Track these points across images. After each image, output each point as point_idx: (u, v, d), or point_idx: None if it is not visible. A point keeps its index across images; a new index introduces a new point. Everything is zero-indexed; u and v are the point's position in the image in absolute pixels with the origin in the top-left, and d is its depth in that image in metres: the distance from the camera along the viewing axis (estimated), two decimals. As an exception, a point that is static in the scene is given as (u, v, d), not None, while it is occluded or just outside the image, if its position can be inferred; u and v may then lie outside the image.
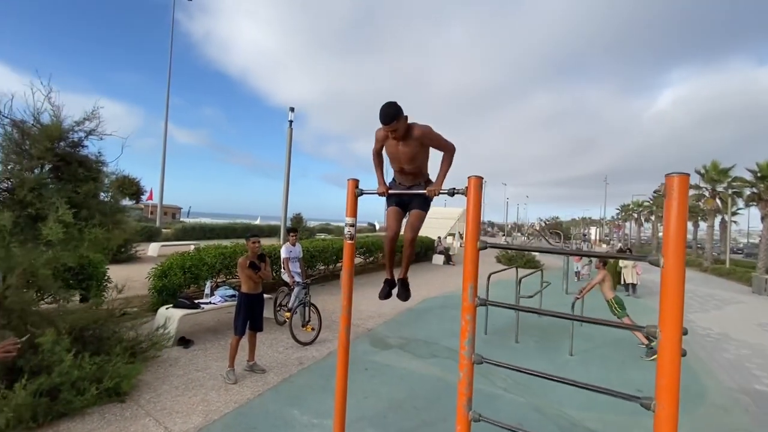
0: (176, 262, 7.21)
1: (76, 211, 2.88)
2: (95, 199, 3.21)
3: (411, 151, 2.65)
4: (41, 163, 2.98)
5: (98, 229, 2.99)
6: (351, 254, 3.11)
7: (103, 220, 3.14)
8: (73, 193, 2.96)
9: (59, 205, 2.74)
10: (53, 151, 2.98)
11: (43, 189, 2.83)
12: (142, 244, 13.72)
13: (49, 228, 2.67)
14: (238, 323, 4.38)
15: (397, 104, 2.52)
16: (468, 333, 2.55)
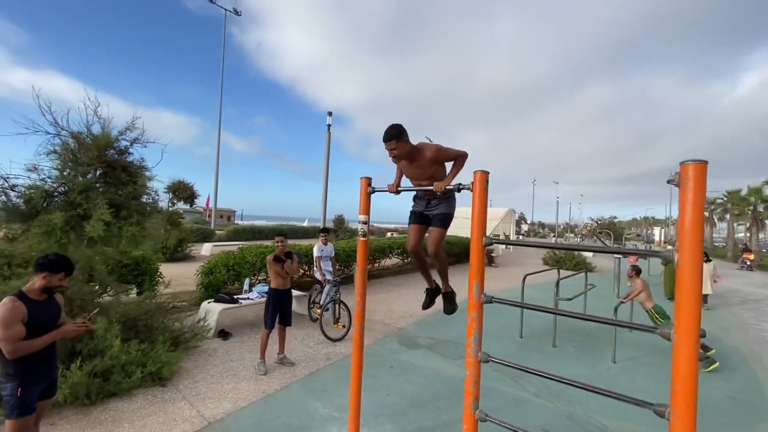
0: (221, 261, 7.72)
1: (116, 211, 3.25)
2: (135, 201, 3.57)
3: (426, 172, 2.74)
4: (90, 169, 3.39)
5: (134, 227, 3.32)
6: (364, 252, 3.17)
7: (141, 219, 3.48)
8: (115, 195, 3.33)
9: (101, 206, 3.10)
10: (101, 158, 3.37)
11: (90, 192, 3.21)
12: (197, 245, 14.80)
13: (91, 226, 3.03)
14: (267, 317, 4.61)
15: (400, 126, 2.61)
16: (474, 331, 2.52)
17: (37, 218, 3.00)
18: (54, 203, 3.19)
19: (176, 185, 12.42)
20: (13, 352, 2.23)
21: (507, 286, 11.44)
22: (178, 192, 12.38)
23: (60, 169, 3.31)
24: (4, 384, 2.32)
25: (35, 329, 2.32)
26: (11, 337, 2.22)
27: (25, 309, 2.29)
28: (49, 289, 2.42)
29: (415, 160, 2.69)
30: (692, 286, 1.66)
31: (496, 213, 26.79)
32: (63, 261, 2.44)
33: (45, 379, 2.49)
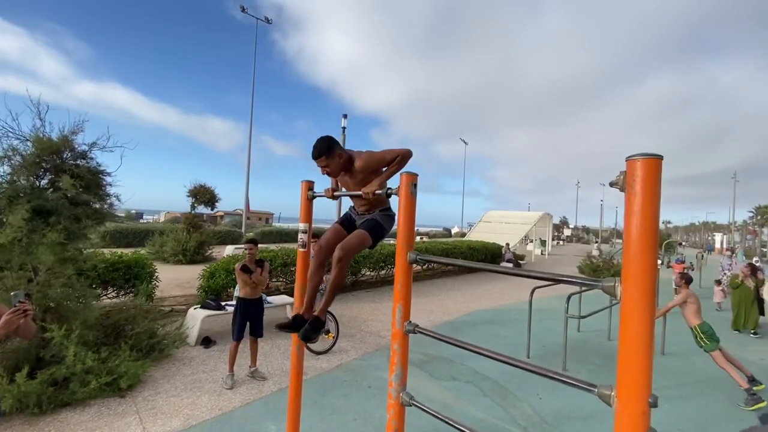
0: (222, 265, 7.67)
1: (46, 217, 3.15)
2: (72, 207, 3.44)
3: (357, 181, 2.37)
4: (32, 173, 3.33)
5: (56, 234, 3.19)
6: (303, 264, 2.80)
7: (69, 226, 3.34)
8: (46, 201, 3.23)
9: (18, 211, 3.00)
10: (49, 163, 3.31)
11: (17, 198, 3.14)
12: (218, 247, 15.14)
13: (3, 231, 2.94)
14: (235, 328, 4.38)
15: (330, 139, 2.29)
16: (395, 366, 2.09)
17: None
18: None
19: (197, 189, 12.75)
20: None
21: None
22: (199, 195, 12.70)
23: (10, 174, 3.27)
24: None
25: None
26: None
27: None
28: None
29: (348, 172, 2.35)
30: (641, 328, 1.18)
31: (528, 217, 25.35)
32: None
33: None
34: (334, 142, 2.29)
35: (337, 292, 2.42)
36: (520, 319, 7.68)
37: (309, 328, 2.38)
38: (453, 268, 15.09)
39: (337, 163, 2.28)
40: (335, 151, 2.27)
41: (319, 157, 2.26)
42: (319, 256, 2.42)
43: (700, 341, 5.06)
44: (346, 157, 2.31)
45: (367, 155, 2.31)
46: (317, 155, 2.27)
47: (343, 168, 2.32)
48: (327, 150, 2.25)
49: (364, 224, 2.42)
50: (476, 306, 9.22)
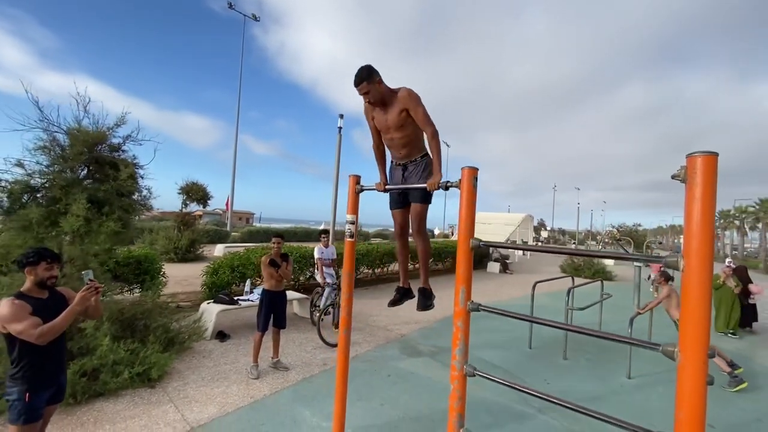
0: (226, 262, 7.70)
1: (98, 208, 3.20)
2: (120, 198, 3.51)
3: (397, 118, 2.50)
4: (77, 164, 3.37)
5: (114, 223, 3.25)
6: (351, 253, 3.01)
7: (124, 215, 3.41)
8: (98, 192, 3.28)
9: (79, 201, 3.05)
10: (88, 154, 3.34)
11: (73, 187, 3.18)
12: (209, 246, 14.96)
13: (66, 220, 2.98)
14: (260, 320, 4.49)
15: (370, 67, 2.43)
16: (459, 341, 2.30)
17: (16, 213, 2.98)
18: (37, 199, 3.17)
19: (189, 186, 12.58)
20: (39, 336, 2.17)
21: (521, 293, 11.05)
22: (191, 193, 12.54)
23: (49, 165, 3.30)
24: (11, 388, 2.25)
25: None
26: (29, 326, 2.17)
27: (28, 306, 2.24)
28: (41, 282, 2.35)
29: (389, 104, 2.49)
30: (700, 295, 1.43)
31: (513, 219, 26.17)
32: (39, 251, 2.37)
33: (54, 383, 2.42)
34: (374, 69, 2.41)
35: (430, 258, 2.80)
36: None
37: (423, 300, 2.92)
38: (442, 266, 15.41)
39: (377, 90, 2.41)
40: (375, 77, 2.40)
41: (360, 83, 2.38)
42: (401, 237, 2.84)
43: None
44: (386, 88, 2.45)
45: (410, 91, 2.42)
46: (358, 81, 2.38)
47: (383, 99, 2.45)
48: (368, 76, 2.37)
49: (417, 195, 2.66)
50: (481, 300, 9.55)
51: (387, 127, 2.57)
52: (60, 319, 2.27)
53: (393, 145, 2.64)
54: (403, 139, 2.56)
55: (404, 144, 2.59)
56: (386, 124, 2.55)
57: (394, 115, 2.48)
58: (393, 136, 2.56)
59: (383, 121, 2.55)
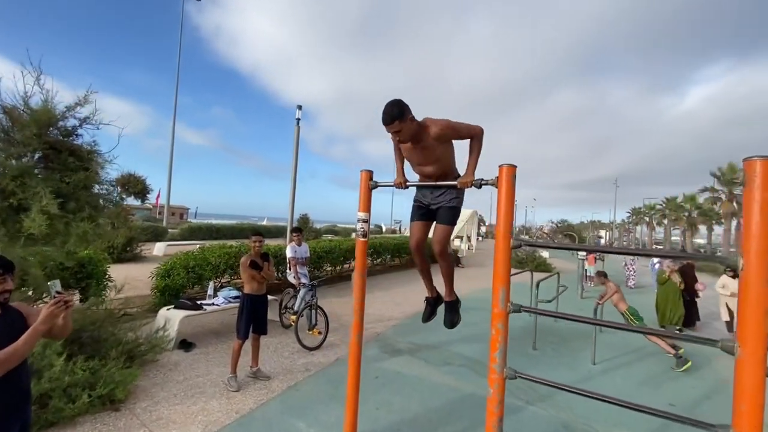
0: (180, 262, 7.01)
1: (63, 203, 2.65)
2: (86, 191, 2.97)
3: (431, 154, 2.39)
4: (28, 150, 2.76)
5: (87, 223, 2.74)
6: (363, 253, 2.84)
7: (94, 214, 2.89)
8: (61, 183, 2.73)
9: (43, 195, 2.51)
10: (41, 138, 2.75)
11: (28, 178, 2.60)
12: (148, 244, 13.59)
13: (32, 220, 2.43)
14: (241, 326, 4.12)
15: (401, 103, 2.25)
16: (499, 344, 2.24)
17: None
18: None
19: (126, 178, 11.23)
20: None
21: (477, 286, 11.46)
22: (128, 186, 11.21)
23: None
24: None
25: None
26: None
27: None
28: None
29: (420, 141, 2.35)
30: (759, 293, 1.50)
31: (463, 214, 27.22)
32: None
33: (18, 419, 1.93)
34: (405, 105, 2.26)
35: (451, 275, 2.78)
36: (481, 307, 8.31)
37: (450, 315, 2.88)
38: (400, 262, 15.52)
39: (410, 128, 2.27)
40: (408, 115, 2.25)
41: (391, 122, 2.21)
42: (418, 254, 2.74)
43: (630, 322, 6.08)
44: (416, 123, 2.31)
45: (445, 123, 2.30)
46: (390, 120, 2.21)
47: (412, 137, 2.32)
48: (400, 114, 2.21)
49: (444, 215, 2.57)
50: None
51: (418, 163, 2.47)
52: (22, 343, 1.84)
53: (424, 176, 2.54)
54: (436, 171, 2.48)
55: (437, 175, 2.51)
56: (417, 160, 2.45)
57: (428, 153, 2.38)
58: (424, 169, 2.48)
59: (414, 157, 2.45)
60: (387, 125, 2.24)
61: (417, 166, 2.52)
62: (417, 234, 2.64)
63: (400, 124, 2.22)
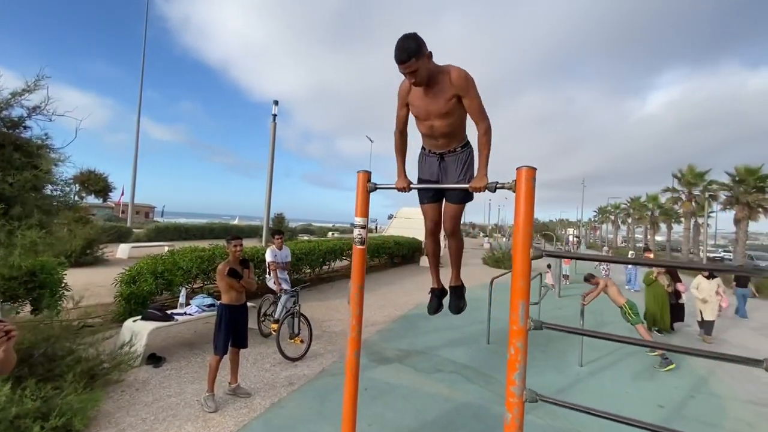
0: (147, 267, 6.48)
1: (6, 208, 2.23)
2: (35, 193, 2.54)
3: (444, 105, 2.09)
4: None
5: (35, 231, 2.33)
6: (362, 263, 2.56)
7: (45, 219, 2.48)
8: (3, 184, 2.29)
9: None
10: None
11: None
12: (110, 245, 12.70)
13: None
14: (219, 340, 3.76)
15: (417, 37, 1.96)
16: (519, 364, 2.03)
17: None
18: None
19: (85, 176, 10.41)
20: None
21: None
22: (88, 184, 10.39)
23: None
24: None
25: None
26: None
27: None
28: None
29: (436, 84, 2.06)
30: None
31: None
32: None
33: None
34: (421, 40, 1.95)
35: (461, 256, 2.62)
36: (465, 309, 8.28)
37: (455, 300, 2.69)
38: (380, 262, 15.27)
39: (426, 69, 1.98)
40: (425, 51, 1.95)
41: (408, 60, 1.91)
42: (433, 237, 2.57)
43: (627, 316, 6.10)
44: (434, 66, 2.03)
45: (467, 74, 2.02)
46: (406, 57, 1.91)
47: (432, 76, 2.03)
48: (417, 50, 1.91)
49: (455, 194, 2.35)
50: (419, 299, 9.55)
51: (428, 114, 2.16)
52: None
53: (430, 134, 2.25)
54: (446, 128, 2.19)
55: (445, 134, 2.22)
56: (428, 109, 2.14)
57: (441, 101, 2.08)
58: (434, 123, 2.18)
59: (424, 105, 2.14)
60: (402, 63, 1.94)
61: (425, 121, 2.21)
62: (431, 215, 2.43)
63: (417, 62, 1.93)
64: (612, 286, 6.51)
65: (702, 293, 7.26)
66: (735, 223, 21.28)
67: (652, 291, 7.25)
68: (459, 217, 2.39)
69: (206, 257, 7.35)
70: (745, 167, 19.58)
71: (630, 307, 6.07)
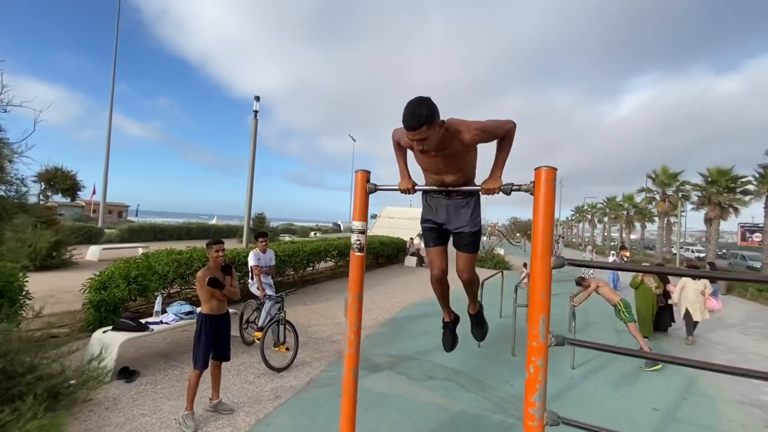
0: (119, 271, 6.04)
1: None
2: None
3: (458, 162, 1.96)
4: None
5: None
6: (360, 271, 2.33)
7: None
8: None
9: None
10: None
11: None
12: (80, 247, 11.97)
13: None
14: (199, 354, 3.46)
15: (430, 103, 1.76)
16: (539, 384, 1.85)
17: None
18: None
19: (51, 173, 9.74)
20: None
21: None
22: (55, 182, 9.73)
23: None
24: None
25: None
26: None
27: None
28: None
29: (446, 148, 1.90)
30: None
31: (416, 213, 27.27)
32: None
33: None
34: (435, 106, 1.79)
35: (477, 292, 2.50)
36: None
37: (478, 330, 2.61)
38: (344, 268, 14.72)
39: (437, 136, 1.82)
40: (438, 119, 1.79)
41: (419, 128, 1.73)
42: (441, 284, 2.37)
43: (621, 314, 6.09)
44: (444, 130, 1.86)
45: (479, 126, 1.86)
46: (417, 125, 1.73)
47: (441, 142, 1.87)
48: (429, 118, 1.73)
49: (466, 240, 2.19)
50: (406, 300, 9.39)
51: (438, 171, 2.02)
52: None
53: (439, 183, 2.10)
54: (459, 180, 2.05)
55: (457, 183, 2.08)
56: (438, 168, 2.00)
57: (455, 161, 1.96)
58: (446, 179, 2.05)
59: (434, 165, 2.00)
60: (412, 131, 1.75)
61: (435, 176, 2.08)
62: (438, 262, 2.26)
63: (428, 131, 1.75)
64: (604, 285, 6.51)
65: (689, 293, 7.23)
66: (705, 222, 22.05)
67: (640, 294, 7.07)
68: (474, 264, 2.26)
69: (184, 260, 6.95)
70: (717, 168, 20.29)
71: (624, 306, 6.07)
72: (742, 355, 6.88)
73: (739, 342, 7.85)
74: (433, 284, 2.36)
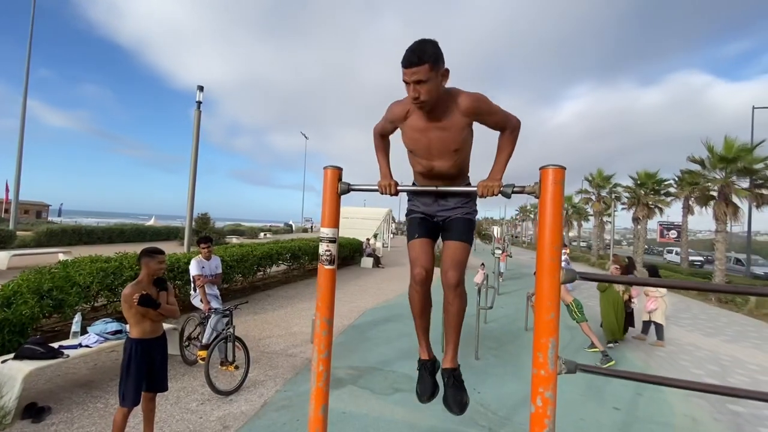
0: (28, 283, 5.07)
1: None
2: None
3: (452, 138, 1.66)
4: None
5: None
6: (331, 287, 1.94)
7: None
8: None
9: None
10: None
11: None
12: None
13: None
14: (127, 388, 2.84)
15: (437, 45, 1.53)
16: (547, 420, 1.59)
17: None
18: None
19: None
20: None
21: (402, 289, 11.10)
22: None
23: None
24: None
25: None
26: None
27: None
28: None
29: (442, 113, 1.63)
30: None
31: (375, 213, 27.00)
32: None
33: None
34: (441, 51, 1.54)
35: (461, 321, 1.89)
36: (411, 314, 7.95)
37: (455, 394, 1.81)
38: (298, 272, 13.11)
39: (437, 86, 1.55)
40: (443, 64, 1.54)
41: (420, 64, 1.48)
42: (422, 288, 1.85)
43: (573, 314, 6.19)
44: (445, 90, 1.61)
45: (481, 96, 1.62)
46: (418, 60, 1.48)
47: (439, 100, 1.60)
48: (434, 57, 1.49)
49: (460, 229, 1.86)
50: (364, 305, 9.03)
51: (429, 151, 1.71)
52: None
53: (429, 175, 1.80)
54: (450, 169, 1.76)
55: (448, 176, 1.80)
56: (430, 146, 1.70)
57: (450, 135, 1.65)
58: (435, 164, 1.75)
59: (425, 141, 1.69)
60: (413, 66, 1.49)
61: (424, 160, 1.76)
62: (423, 258, 1.81)
63: (429, 72, 1.49)
64: None
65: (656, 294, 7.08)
66: (633, 221, 24.11)
67: (608, 298, 6.66)
68: (465, 261, 1.80)
69: (112, 269, 6.05)
70: (645, 172, 22.21)
71: (576, 306, 6.16)
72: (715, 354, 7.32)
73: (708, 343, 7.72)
74: (412, 291, 1.84)
